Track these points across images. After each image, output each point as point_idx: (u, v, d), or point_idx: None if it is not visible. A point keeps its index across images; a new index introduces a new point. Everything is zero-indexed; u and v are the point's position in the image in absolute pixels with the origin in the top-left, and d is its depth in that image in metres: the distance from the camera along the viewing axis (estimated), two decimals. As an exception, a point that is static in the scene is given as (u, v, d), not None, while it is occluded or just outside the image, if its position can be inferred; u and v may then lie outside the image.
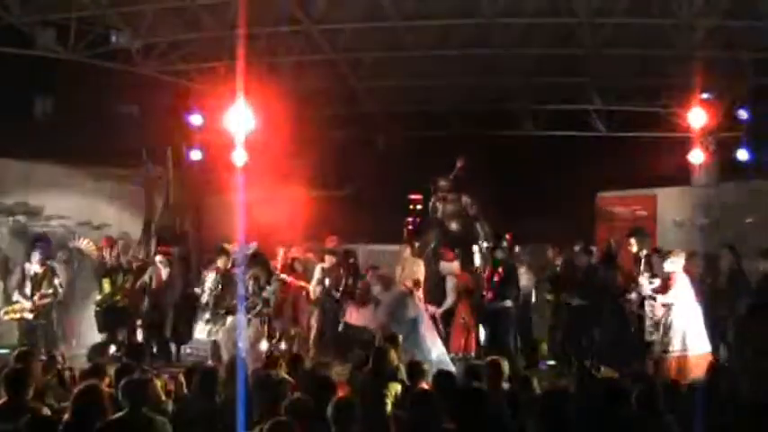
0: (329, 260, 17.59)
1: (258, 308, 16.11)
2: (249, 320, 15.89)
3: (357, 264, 18.27)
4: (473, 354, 16.59)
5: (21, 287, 16.22)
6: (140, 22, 18.86)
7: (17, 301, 16.06)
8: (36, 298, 15.93)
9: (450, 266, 17.60)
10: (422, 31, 19.57)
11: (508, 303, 16.00)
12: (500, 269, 16.41)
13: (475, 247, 18.68)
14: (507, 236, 17.76)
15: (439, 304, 17.11)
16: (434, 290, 17.43)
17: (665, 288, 14.30)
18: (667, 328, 14.04)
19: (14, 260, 17.72)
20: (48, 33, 18.99)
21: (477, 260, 18.35)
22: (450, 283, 17.35)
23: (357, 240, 20.24)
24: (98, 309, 17.08)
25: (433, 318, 16.51)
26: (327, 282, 17.32)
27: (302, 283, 17.60)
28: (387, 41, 20.13)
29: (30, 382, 8.45)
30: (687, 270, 14.42)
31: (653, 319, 14.91)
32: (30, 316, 15.96)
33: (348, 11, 18.84)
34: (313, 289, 17.56)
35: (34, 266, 16.26)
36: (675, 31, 18.36)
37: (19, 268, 16.53)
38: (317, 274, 17.61)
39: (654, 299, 14.72)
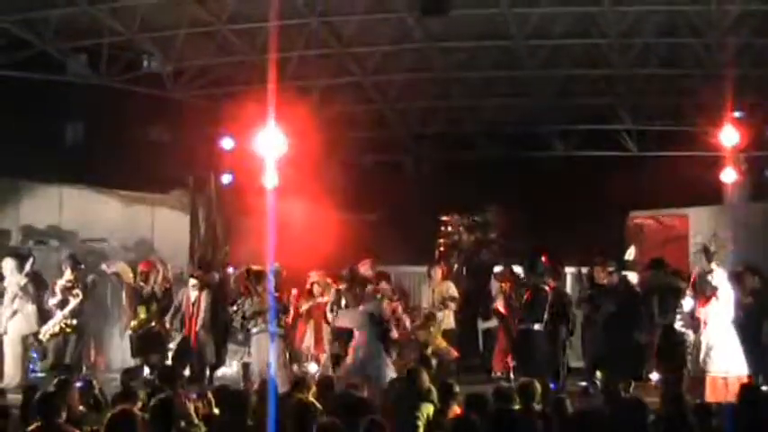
0: (344, 283, 17.59)
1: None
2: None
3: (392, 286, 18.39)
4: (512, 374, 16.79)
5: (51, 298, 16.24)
6: (171, 47, 19.01)
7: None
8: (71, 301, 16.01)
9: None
10: (450, 54, 19.62)
11: (536, 326, 15.91)
12: (528, 292, 16.35)
13: (497, 269, 18.75)
14: (543, 257, 17.73)
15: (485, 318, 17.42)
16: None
17: (706, 301, 14.23)
18: (709, 348, 13.94)
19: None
20: (79, 59, 19.18)
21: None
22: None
23: (387, 263, 20.22)
24: (133, 334, 17.08)
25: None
26: (344, 303, 17.30)
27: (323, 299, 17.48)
28: (415, 64, 20.20)
29: (62, 406, 8.47)
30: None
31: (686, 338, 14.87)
32: (67, 327, 16.01)
33: (377, 34, 18.92)
34: (329, 310, 17.56)
35: (66, 274, 16.32)
36: (705, 49, 18.33)
37: (49, 290, 16.50)
38: (332, 296, 17.58)
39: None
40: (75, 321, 16.18)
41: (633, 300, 15.77)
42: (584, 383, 15.91)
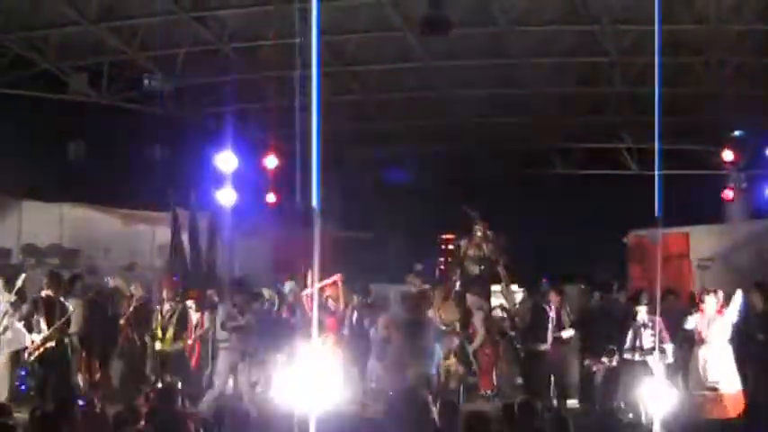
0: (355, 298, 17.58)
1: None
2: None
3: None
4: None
5: (29, 319, 15.92)
6: (172, 65, 19.04)
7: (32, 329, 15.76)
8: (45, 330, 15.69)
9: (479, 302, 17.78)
10: (451, 72, 19.65)
11: (542, 347, 15.84)
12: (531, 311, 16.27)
13: (495, 288, 18.69)
14: (544, 279, 17.76)
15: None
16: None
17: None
18: (714, 365, 13.88)
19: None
20: (81, 78, 19.23)
21: (502, 300, 18.39)
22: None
23: (387, 281, 20.19)
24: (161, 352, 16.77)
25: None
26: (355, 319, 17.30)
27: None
28: (416, 82, 20.24)
29: (61, 425, 8.45)
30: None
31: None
32: (51, 344, 15.74)
33: (377, 52, 18.96)
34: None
35: (45, 292, 16.08)
36: (705, 69, 18.36)
37: (31, 301, 16.21)
38: (348, 312, 17.57)
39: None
40: (60, 341, 15.89)
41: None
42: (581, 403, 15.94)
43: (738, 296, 14.06)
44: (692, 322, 14.16)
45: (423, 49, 18.39)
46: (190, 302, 16.85)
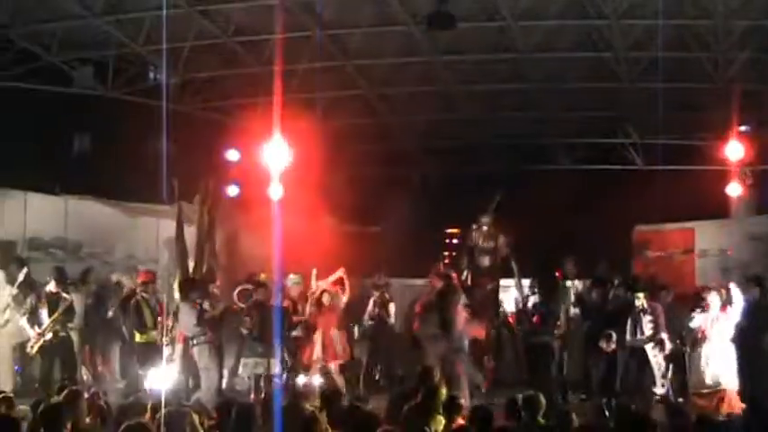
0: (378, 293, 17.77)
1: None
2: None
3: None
4: None
5: (33, 312, 15.86)
6: (177, 59, 19.02)
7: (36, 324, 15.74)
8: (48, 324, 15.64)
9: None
10: (456, 67, 19.62)
11: (548, 338, 15.85)
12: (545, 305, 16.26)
13: (508, 282, 18.69)
14: (557, 273, 17.78)
15: None
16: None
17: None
18: (706, 365, 13.85)
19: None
20: (85, 71, 19.20)
21: (515, 295, 18.40)
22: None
23: (392, 275, 20.18)
24: (142, 345, 16.82)
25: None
26: (377, 311, 17.45)
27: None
28: (421, 77, 20.20)
29: (67, 418, 8.44)
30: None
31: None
32: (49, 335, 15.71)
33: (382, 46, 18.92)
34: (366, 321, 17.71)
35: (50, 286, 16.07)
36: (711, 64, 18.31)
37: (34, 295, 16.18)
38: (369, 306, 17.77)
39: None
40: (62, 333, 15.86)
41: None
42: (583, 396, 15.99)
43: (736, 291, 14.06)
44: (697, 320, 14.12)
45: (428, 44, 18.36)
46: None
